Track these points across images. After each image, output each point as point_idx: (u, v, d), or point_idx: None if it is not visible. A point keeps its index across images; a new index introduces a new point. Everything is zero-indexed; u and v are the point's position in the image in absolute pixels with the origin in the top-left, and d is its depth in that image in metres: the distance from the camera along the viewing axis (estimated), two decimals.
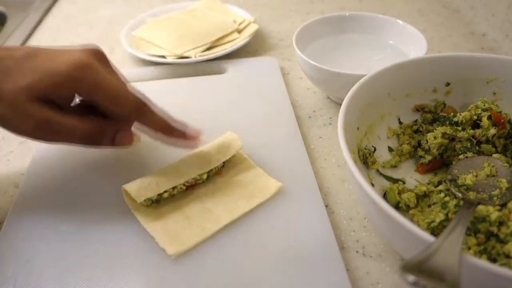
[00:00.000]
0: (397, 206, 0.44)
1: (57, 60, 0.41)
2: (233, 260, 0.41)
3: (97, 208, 0.46)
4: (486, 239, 0.37)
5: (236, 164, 0.50)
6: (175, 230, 0.43)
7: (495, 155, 0.45)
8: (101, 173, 0.51)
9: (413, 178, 0.48)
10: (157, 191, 0.44)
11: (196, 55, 0.70)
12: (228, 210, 0.45)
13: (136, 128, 0.47)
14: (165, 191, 0.45)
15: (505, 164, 0.43)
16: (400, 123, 0.53)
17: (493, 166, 0.43)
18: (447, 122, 0.49)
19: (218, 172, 0.49)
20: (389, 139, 0.52)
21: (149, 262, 0.41)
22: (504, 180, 0.41)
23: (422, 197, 0.44)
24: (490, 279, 0.29)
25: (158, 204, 0.46)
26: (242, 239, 0.43)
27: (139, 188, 0.44)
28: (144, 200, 0.44)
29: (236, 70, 0.69)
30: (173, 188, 0.46)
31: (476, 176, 0.43)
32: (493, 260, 0.36)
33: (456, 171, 0.44)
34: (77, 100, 0.45)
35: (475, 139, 0.47)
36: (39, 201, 0.47)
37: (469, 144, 0.47)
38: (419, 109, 0.53)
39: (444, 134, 0.47)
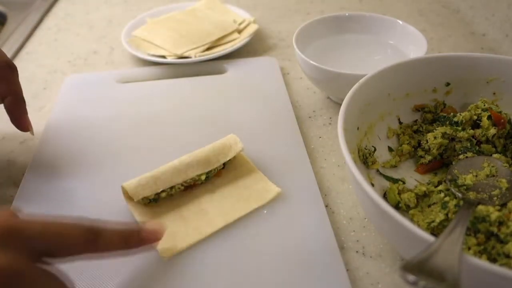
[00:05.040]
0: (397, 206, 0.44)
1: None
2: (230, 262, 0.41)
3: (96, 207, 0.46)
4: (486, 239, 0.37)
5: (236, 166, 0.50)
6: (170, 230, 0.43)
7: (495, 155, 0.45)
8: (101, 171, 0.51)
9: (413, 178, 0.48)
10: (154, 190, 0.44)
11: (196, 55, 0.70)
12: (224, 213, 0.45)
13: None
14: (163, 191, 0.45)
15: (505, 164, 0.43)
16: (400, 123, 0.53)
17: (493, 166, 0.43)
18: (447, 122, 0.49)
19: (217, 174, 0.49)
20: (389, 139, 0.51)
21: (144, 261, 0.41)
22: (504, 180, 0.41)
23: (422, 197, 0.44)
24: (490, 279, 0.29)
25: (156, 203, 0.46)
26: (240, 240, 0.43)
27: (137, 186, 0.44)
28: (142, 199, 0.44)
29: (236, 70, 0.69)
30: (171, 188, 0.45)
31: (476, 176, 0.43)
32: (493, 260, 0.36)
33: (456, 171, 0.44)
34: None
35: (475, 139, 0.47)
36: (39, 201, 0.47)
37: (469, 144, 0.47)
38: (419, 109, 0.53)
39: (444, 134, 0.47)
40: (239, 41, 0.74)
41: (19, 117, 0.51)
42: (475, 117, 0.48)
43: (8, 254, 0.28)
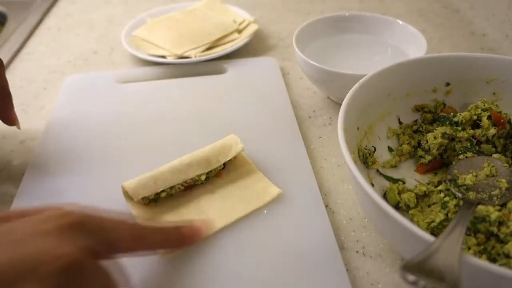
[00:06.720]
0: (397, 206, 0.44)
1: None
2: (230, 262, 0.41)
3: (96, 206, 0.46)
4: (486, 239, 0.37)
5: (237, 167, 0.50)
6: None
7: (495, 155, 0.45)
8: (101, 171, 0.51)
9: (413, 178, 0.48)
10: (154, 190, 0.44)
11: (196, 55, 0.70)
12: (223, 214, 0.45)
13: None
14: (163, 191, 0.45)
15: (505, 164, 0.43)
16: (400, 123, 0.53)
17: (493, 166, 0.43)
18: (447, 122, 0.49)
19: (218, 174, 0.49)
20: (389, 139, 0.51)
21: (144, 261, 0.41)
22: (504, 180, 0.41)
23: (422, 197, 0.44)
24: (490, 279, 0.29)
25: (156, 203, 0.46)
26: (239, 241, 0.43)
27: (137, 186, 0.44)
28: (142, 199, 0.44)
29: (236, 70, 0.69)
30: (171, 188, 0.45)
31: (476, 176, 0.43)
32: (493, 260, 0.36)
33: (456, 171, 0.44)
34: None
35: (475, 139, 0.47)
36: (39, 201, 0.47)
37: (469, 144, 0.47)
38: (419, 109, 0.53)
39: (444, 134, 0.47)
40: (239, 41, 0.74)
41: (6, 111, 0.51)
42: (475, 117, 0.48)
43: (73, 244, 0.29)
